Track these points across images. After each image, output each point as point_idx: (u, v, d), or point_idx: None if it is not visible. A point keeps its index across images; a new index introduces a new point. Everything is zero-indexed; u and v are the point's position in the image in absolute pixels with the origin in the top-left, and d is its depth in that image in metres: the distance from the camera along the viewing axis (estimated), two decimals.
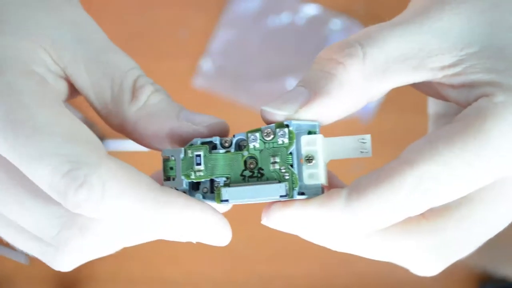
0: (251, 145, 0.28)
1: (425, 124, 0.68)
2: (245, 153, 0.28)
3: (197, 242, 0.29)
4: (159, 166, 0.75)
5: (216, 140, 0.29)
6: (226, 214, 0.31)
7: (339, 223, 0.26)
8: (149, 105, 0.29)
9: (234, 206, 0.30)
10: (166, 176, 0.29)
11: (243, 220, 0.69)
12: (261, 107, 0.28)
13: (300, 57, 0.71)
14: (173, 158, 0.29)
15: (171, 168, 0.29)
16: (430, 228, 0.28)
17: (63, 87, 0.30)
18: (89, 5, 0.33)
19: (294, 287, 0.68)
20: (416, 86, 0.30)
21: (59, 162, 0.25)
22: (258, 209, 0.76)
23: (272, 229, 0.75)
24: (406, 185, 0.25)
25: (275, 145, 0.28)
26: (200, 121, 0.29)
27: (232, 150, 0.28)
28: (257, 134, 0.28)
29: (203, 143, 0.29)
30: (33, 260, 0.68)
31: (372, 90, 0.28)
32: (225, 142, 0.29)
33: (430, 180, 0.25)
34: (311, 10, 0.72)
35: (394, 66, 0.27)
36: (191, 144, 0.29)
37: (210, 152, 0.28)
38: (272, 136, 0.28)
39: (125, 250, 0.75)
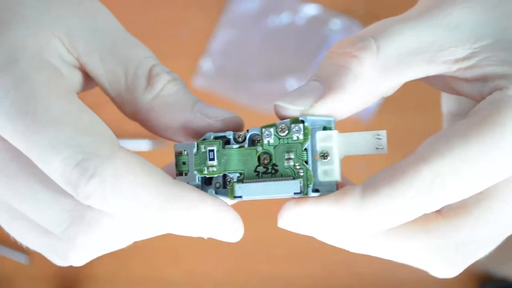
0: (265, 141, 0.28)
1: (425, 124, 0.68)
2: (259, 149, 0.28)
3: (201, 240, 0.29)
4: (158, 165, 0.75)
5: (230, 135, 0.28)
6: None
7: (355, 220, 0.26)
8: (164, 95, 0.29)
9: (234, 205, 0.30)
10: (179, 171, 0.28)
11: (244, 219, 0.69)
12: (275, 102, 0.28)
13: (300, 57, 0.71)
14: (185, 152, 0.28)
15: (184, 163, 0.28)
16: (449, 226, 0.28)
17: (77, 78, 0.30)
18: None
19: (295, 287, 0.68)
20: (429, 81, 0.30)
21: (72, 152, 0.25)
22: (259, 209, 0.76)
23: (273, 229, 0.75)
24: (422, 181, 0.25)
25: (289, 141, 0.27)
26: (214, 115, 0.29)
27: (246, 145, 0.28)
28: (272, 130, 0.28)
29: (216, 138, 0.28)
30: (33, 260, 0.68)
31: (386, 84, 0.27)
32: (239, 137, 0.28)
33: (446, 174, 0.25)
34: (311, 10, 0.72)
35: (408, 59, 0.27)
36: (204, 139, 0.28)
37: (223, 147, 0.28)
38: (286, 132, 0.27)
39: (125, 250, 0.75)
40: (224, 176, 0.28)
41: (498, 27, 0.27)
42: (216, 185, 0.28)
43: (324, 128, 0.27)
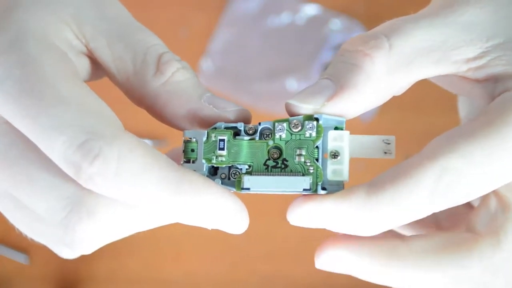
0: (277, 135, 0.28)
1: (425, 124, 0.68)
2: (270, 143, 0.28)
3: (200, 240, 0.29)
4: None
5: (241, 126, 0.28)
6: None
7: (360, 218, 0.26)
8: (173, 82, 0.29)
9: None
10: (186, 158, 0.28)
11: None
12: (287, 100, 0.27)
13: (300, 57, 0.71)
14: (194, 140, 0.28)
15: (192, 150, 0.28)
16: (491, 244, 0.27)
17: (84, 65, 0.30)
18: None
19: (295, 286, 0.68)
20: (439, 80, 0.30)
21: (75, 132, 0.25)
22: (258, 208, 0.76)
23: (272, 228, 0.75)
24: (427, 179, 0.25)
25: (302, 137, 0.27)
26: (223, 106, 0.28)
27: (257, 138, 0.28)
28: (285, 125, 0.27)
29: (226, 128, 0.28)
30: (33, 260, 0.68)
31: (397, 83, 0.27)
32: (250, 129, 0.28)
33: (451, 173, 0.25)
34: (311, 10, 0.72)
35: (420, 58, 0.27)
36: (215, 128, 0.28)
37: (234, 137, 0.28)
38: (299, 128, 0.27)
39: (124, 249, 0.75)
40: (230, 168, 0.28)
41: (510, 26, 0.27)
42: (222, 176, 0.28)
43: (336, 128, 0.27)
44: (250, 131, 0.28)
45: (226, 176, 0.28)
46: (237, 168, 0.28)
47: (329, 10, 0.71)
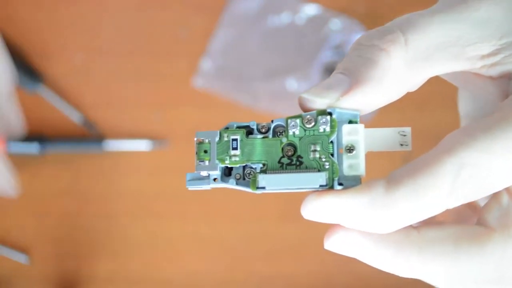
0: (290, 132, 0.27)
1: (428, 121, 0.68)
2: (284, 140, 0.27)
3: (200, 240, 0.28)
4: (157, 165, 0.75)
5: (253, 125, 0.28)
6: (221, 210, 0.30)
7: (378, 213, 0.26)
8: None
9: (233, 204, 0.30)
10: (200, 159, 0.27)
11: (244, 218, 0.69)
12: (300, 94, 0.27)
13: (300, 57, 0.71)
14: (207, 141, 0.28)
15: (205, 151, 0.27)
16: (504, 238, 0.27)
17: None
18: (90, 5, 0.32)
19: (294, 285, 0.68)
20: (451, 77, 0.30)
21: None
22: (257, 208, 0.76)
23: (272, 228, 0.75)
24: (446, 173, 0.25)
25: (316, 133, 0.27)
26: None
27: (270, 136, 0.28)
28: (298, 121, 0.27)
29: (239, 127, 0.28)
30: (33, 260, 0.68)
31: (413, 79, 0.27)
32: (262, 127, 0.28)
33: (470, 167, 0.25)
34: (311, 10, 0.72)
35: (435, 54, 0.27)
36: (227, 128, 0.28)
37: (247, 136, 0.28)
38: (313, 124, 0.27)
39: (124, 249, 0.75)
40: (244, 168, 0.28)
41: None
42: (237, 176, 0.28)
43: (350, 122, 0.27)
44: (263, 129, 0.28)
45: (241, 177, 0.28)
46: (252, 167, 0.28)
47: (329, 10, 0.71)
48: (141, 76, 0.69)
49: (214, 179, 0.28)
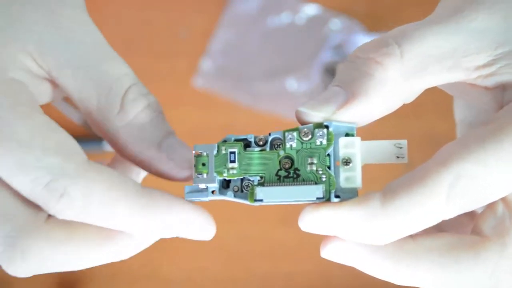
0: (288, 145, 0.27)
1: (424, 129, 0.68)
2: (281, 153, 0.28)
3: (193, 240, 0.29)
4: None
5: (251, 138, 0.28)
6: (220, 211, 0.30)
7: (375, 225, 0.26)
8: (136, 124, 0.28)
9: (231, 205, 0.30)
10: (198, 172, 0.28)
11: (243, 220, 0.69)
12: (297, 108, 0.27)
13: (300, 57, 0.71)
14: (205, 154, 0.28)
15: (203, 164, 0.28)
16: (499, 247, 0.27)
17: (46, 89, 0.29)
18: (89, 5, 0.32)
19: (293, 285, 0.68)
20: (448, 88, 0.30)
21: (40, 174, 0.25)
22: (257, 210, 0.76)
23: (271, 228, 0.75)
24: (443, 185, 0.25)
25: (312, 145, 0.27)
26: (180, 160, 0.29)
27: (267, 149, 0.28)
28: (295, 134, 0.27)
29: (236, 140, 0.28)
30: None
31: (409, 90, 0.27)
32: (260, 140, 0.28)
33: (465, 178, 0.25)
34: (311, 10, 0.72)
35: (431, 65, 0.27)
36: (225, 141, 0.28)
37: (244, 149, 0.28)
38: (310, 137, 0.27)
39: None
40: (242, 180, 0.28)
41: None
42: (235, 189, 0.28)
43: (347, 135, 0.27)
44: (261, 142, 0.28)
45: (239, 189, 0.28)
46: (249, 180, 0.28)
47: (329, 10, 0.71)
48: (141, 76, 0.69)
49: (213, 192, 0.28)
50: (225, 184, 0.28)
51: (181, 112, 0.69)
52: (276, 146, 0.28)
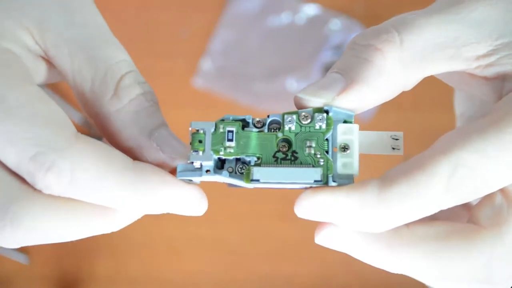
0: (286, 127, 0.27)
1: (423, 122, 0.68)
2: (280, 135, 0.27)
3: (200, 239, 0.28)
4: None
5: (249, 118, 0.28)
6: (221, 209, 0.30)
7: (372, 212, 0.26)
8: (128, 111, 0.28)
9: (232, 204, 0.30)
10: (194, 149, 0.27)
11: (243, 218, 0.69)
12: (296, 94, 0.27)
13: (300, 57, 0.71)
14: (202, 131, 0.27)
15: (200, 141, 0.27)
16: (495, 236, 0.27)
17: (41, 68, 0.29)
18: None
19: (294, 285, 0.68)
20: (446, 78, 0.30)
21: (27, 145, 0.25)
22: (257, 208, 0.76)
23: (272, 228, 0.75)
24: (441, 174, 0.25)
25: (311, 129, 0.27)
26: (170, 151, 0.28)
27: (265, 130, 0.28)
28: (294, 117, 0.27)
29: (234, 120, 0.28)
30: (33, 260, 0.68)
31: (408, 78, 0.27)
32: (258, 122, 0.28)
33: (464, 168, 0.25)
34: (311, 10, 0.72)
35: (431, 54, 0.27)
36: (223, 119, 0.28)
37: (242, 129, 0.28)
38: (309, 120, 0.27)
39: (124, 249, 0.75)
40: (237, 162, 0.28)
41: None
42: (229, 170, 0.28)
43: (345, 122, 0.27)
44: (259, 124, 0.28)
45: (233, 170, 0.28)
46: (245, 161, 0.27)
47: (329, 10, 0.71)
48: None
49: (207, 171, 0.27)
50: (220, 165, 0.28)
51: (181, 112, 0.69)
52: (273, 129, 0.28)
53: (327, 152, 0.27)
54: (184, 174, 0.27)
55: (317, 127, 0.27)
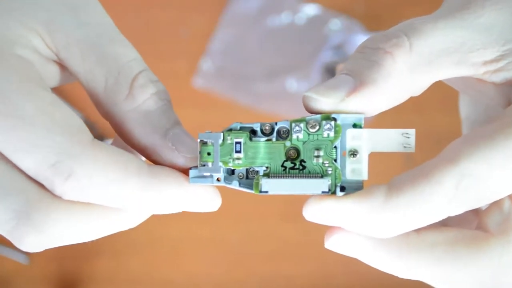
0: (294, 136, 0.27)
1: (426, 124, 0.68)
2: (288, 143, 0.27)
3: (200, 240, 0.29)
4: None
5: (257, 126, 0.28)
6: (222, 209, 0.30)
7: (378, 219, 0.26)
8: (143, 111, 0.28)
9: (233, 204, 0.30)
10: (203, 162, 0.27)
11: (244, 219, 0.69)
12: (305, 93, 0.27)
13: (300, 57, 0.71)
14: (210, 142, 0.27)
15: (209, 154, 0.27)
16: (503, 244, 0.27)
17: (54, 71, 0.29)
18: None
19: (295, 286, 0.68)
20: (455, 83, 0.30)
21: (45, 153, 0.25)
22: (258, 209, 0.76)
23: (272, 229, 0.75)
24: (448, 182, 0.25)
25: (319, 137, 0.27)
26: (184, 150, 0.28)
27: (274, 138, 0.28)
28: (302, 125, 0.27)
29: (242, 128, 0.28)
30: (33, 260, 0.68)
31: (416, 83, 0.27)
32: (266, 129, 0.28)
33: (471, 177, 0.25)
34: (311, 10, 0.72)
35: (439, 59, 0.27)
36: (230, 129, 0.28)
37: (250, 139, 0.28)
38: (317, 128, 0.27)
39: (125, 249, 0.75)
40: (248, 168, 0.28)
41: None
42: (239, 176, 0.28)
43: (354, 125, 0.27)
44: (267, 131, 0.28)
45: (244, 176, 0.28)
46: (254, 170, 0.28)
47: (329, 10, 0.71)
48: None
49: (218, 179, 0.28)
50: (231, 171, 0.28)
51: (181, 112, 0.69)
52: (282, 134, 0.28)
53: (335, 160, 0.27)
54: (196, 180, 0.28)
55: (325, 135, 0.27)
